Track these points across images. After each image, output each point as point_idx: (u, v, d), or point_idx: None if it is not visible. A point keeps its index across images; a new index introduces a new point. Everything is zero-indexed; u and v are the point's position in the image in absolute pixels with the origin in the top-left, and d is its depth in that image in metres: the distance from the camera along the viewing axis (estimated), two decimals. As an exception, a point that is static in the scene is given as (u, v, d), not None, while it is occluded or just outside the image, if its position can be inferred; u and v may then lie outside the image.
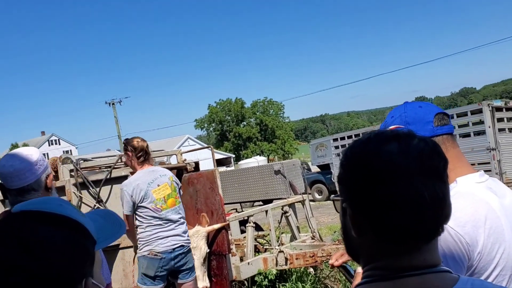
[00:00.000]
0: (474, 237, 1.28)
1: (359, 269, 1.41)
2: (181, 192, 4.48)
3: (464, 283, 0.88)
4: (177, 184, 4.38)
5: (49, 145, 78.74)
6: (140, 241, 4.15)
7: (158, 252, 4.05)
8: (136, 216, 4.18)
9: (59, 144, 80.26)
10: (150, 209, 4.09)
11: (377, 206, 0.85)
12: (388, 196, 0.84)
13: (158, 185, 4.16)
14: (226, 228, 5.20)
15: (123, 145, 4.33)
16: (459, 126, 14.12)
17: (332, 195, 6.70)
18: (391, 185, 0.84)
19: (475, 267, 1.29)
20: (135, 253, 4.41)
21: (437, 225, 0.87)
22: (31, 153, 2.05)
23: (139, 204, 4.09)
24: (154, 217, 4.09)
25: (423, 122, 1.48)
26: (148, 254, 4.07)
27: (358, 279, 1.49)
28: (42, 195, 2.02)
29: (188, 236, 4.35)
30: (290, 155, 65.04)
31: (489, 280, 1.29)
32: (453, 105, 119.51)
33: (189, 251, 4.33)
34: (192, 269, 4.34)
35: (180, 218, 4.24)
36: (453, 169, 1.44)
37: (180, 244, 4.16)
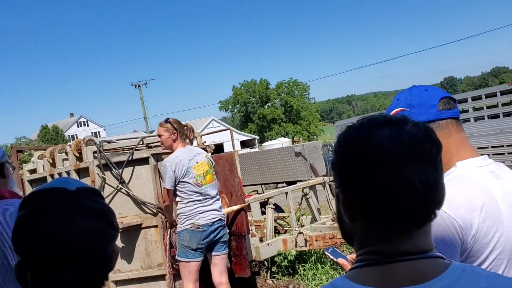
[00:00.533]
0: (468, 220, 1.27)
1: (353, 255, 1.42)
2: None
3: (455, 269, 0.87)
4: (212, 162, 4.62)
5: (78, 127, 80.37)
6: (181, 215, 4.38)
7: (200, 225, 4.29)
8: (178, 192, 4.39)
9: (88, 125, 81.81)
10: (191, 184, 4.33)
11: (367, 192, 0.86)
12: (378, 182, 0.84)
13: (197, 162, 4.41)
14: (245, 209, 5.26)
15: (166, 124, 4.51)
16: (488, 107, 13.76)
17: (329, 180, 6.64)
18: (381, 171, 0.84)
19: (469, 250, 1.28)
20: (171, 228, 4.65)
21: (428, 211, 0.87)
22: None
23: (181, 180, 4.32)
24: (195, 192, 4.34)
25: (428, 105, 1.47)
26: (191, 227, 4.30)
27: (344, 263, 1.50)
28: None
29: (221, 208, 4.56)
30: (315, 136, 64.63)
31: (486, 263, 1.29)
32: (483, 85, 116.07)
33: (225, 224, 4.57)
34: (226, 242, 4.57)
35: (216, 194, 4.50)
36: (456, 153, 1.43)
37: (218, 218, 4.41)
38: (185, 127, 4.61)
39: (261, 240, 6.11)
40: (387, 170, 0.84)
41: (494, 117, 13.32)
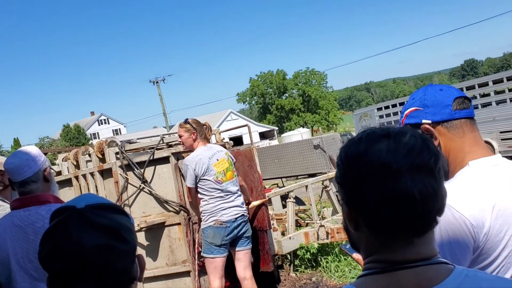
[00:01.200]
0: (480, 219, 1.29)
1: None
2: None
3: (458, 274, 0.91)
4: (232, 159, 4.68)
5: (99, 125, 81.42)
6: (204, 213, 4.46)
7: (223, 222, 4.37)
8: (199, 190, 4.47)
9: (108, 123, 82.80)
10: (212, 181, 4.41)
11: (368, 203, 0.90)
12: (378, 193, 0.88)
13: (217, 160, 4.48)
14: (266, 204, 5.31)
15: (185, 125, 4.60)
16: (510, 90, 13.48)
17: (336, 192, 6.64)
18: (381, 183, 0.88)
19: (482, 248, 1.30)
20: (199, 224, 4.73)
21: (428, 220, 0.90)
22: (28, 151, 2.42)
23: (202, 177, 4.41)
24: (216, 189, 4.41)
25: (442, 105, 1.48)
26: (214, 224, 4.38)
27: (360, 258, 1.55)
28: (42, 186, 2.37)
29: (243, 205, 4.62)
30: (334, 125, 64.23)
31: (498, 261, 1.31)
32: (505, 67, 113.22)
33: (248, 220, 4.63)
34: (250, 237, 4.64)
35: (237, 190, 4.56)
36: (469, 152, 1.45)
37: (241, 214, 4.49)
38: (204, 126, 4.67)
39: (283, 234, 6.16)
40: (386, 182, 0.88)
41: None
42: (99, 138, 58.68)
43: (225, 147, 5.81)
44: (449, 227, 1.27)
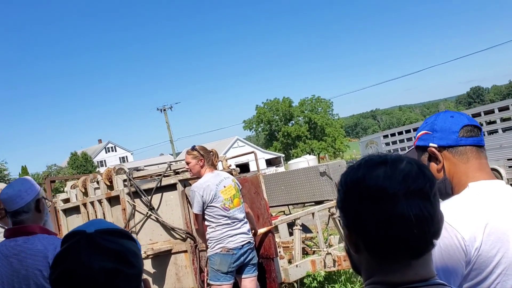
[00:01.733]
0: (471, 233, 1.34)
1: None
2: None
3: None
4: (239, 186, 4.71)
5: (106, 152, 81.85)
6: (211, 240, 4.45)
7: (230, 249, 4.36)
8: (206, 217, 4.48)
9: (116, 151, 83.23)
10: (220, 208, 4.41)
11: (367, 226, 0.94)
12: (376, 217, 0.93)
13: (225, 186, 4.50)
14: (272, 231, 5.31)
15: (193, 152, 4.65)
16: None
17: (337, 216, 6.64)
18: (378, 207, 0.93)
19: (474, 262, 1.34)
20: (206, 249, 4.70)
21: (425, 242, 0.94)
22: (23, 182, 2.51)
23: (209, 204, 4.42)
24: (224, 216, 4.41)
25: (449, 131, 1.55)
26: (221, 251, 4.37)
27: None
28: (33, 216, 2.42)
29: (250, 232, 4.61)
30: (341, 152, 64.21)
31: (492, 277, 1.35)
32: (511, 94, 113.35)
33: (254, 247, 4.62)
34: (256, 265, 4.62)
35: (244, 217, 4.56)
36: (472, 177, 1.50)
37: (247, 241, 4.48)
38: (211, 153, 4.72)
39: (289, 261, 6.12)
40: (383, 207, 0.92)
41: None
42: (106, 166, 58.94)
43: (231, 174, 5.86)
44: (441, 241, 1.29)
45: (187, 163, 4.67)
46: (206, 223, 4.51)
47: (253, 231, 4.77)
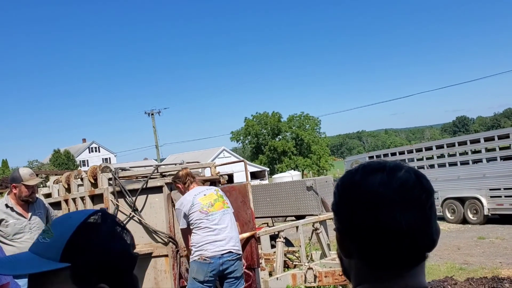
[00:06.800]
0: None
1: None
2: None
3: None
4: (223, 193, 4.69)
5: (89, 152, 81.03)
6: (192, 246, 4.40)
7: (207, 257, 4.28)
8: (190, 226, 4.43)
9: (99, 151, 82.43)
10: (198, 212, 4.37)
11: (359, 232, 0.92)
12: (368, 223, 0.90)
13: (205, 195, 4.50)
14: (256, 241, 5.25)
15: (175, 181, 4.74)
16: (501, 149, 13.70)
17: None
18: (371, 213, 0.90)
19: None
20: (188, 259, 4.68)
21: (417, 254, 0.91)
22: None
23: (189, 213, 4.40)
24: (202, 220, 4.35)
25: None
26: (198, 258, 4.31)
27: None
28: None
29: (238, 243, 4.50)
30: (325, 170, 64.39)
31: None
32: (496, 126, 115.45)
33: (238, 259, 4.48)
34: (239, 278, 4.49)
35: (228, 222, 4.44)
36: None
37: (228, 250, 4.34)
38: (185, 175, 4.69)
39: (270, 274, 6.07)
40: (376, 213, 0.90)
41: (506, 159, 13.25)
42: (88, 166, 58.19)
43: (219, 182, 5.82)
44: None
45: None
46: (191, 232, 4.45)
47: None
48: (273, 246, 6.66)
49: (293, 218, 9.01)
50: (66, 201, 5.76)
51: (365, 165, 0.98)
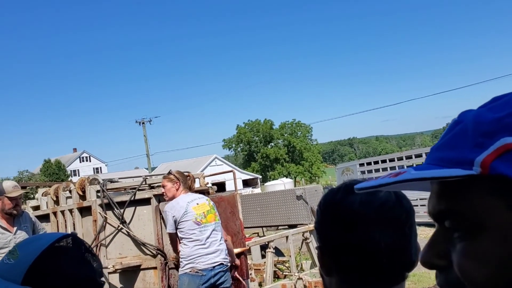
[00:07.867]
0: None
1: None
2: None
3: None
4: (214, 204, 4.64)
5: (80, 162, 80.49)
6: (182, 258, 4.36)
7: (199, 270, 4.25)
8: (179, 234, 4.39)
9: (90, 161, 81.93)
10: (191, 222, 4.32)
11: (338, 250, 0.93)
12: (347, 242, 0.91)
13: (198, 204, 4.44)
14: (245, 253, 5.25)
15: (169, 176, 4.61)
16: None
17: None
18: (351, 232, 0.91)
19: None
20: (176, 269, 4.65)
21: (395, 273, 0.92)
22: None
23: (180, 220, 4.33)
24: (194, 231, 4.31)
25: None
26: (190, 271, 4.26)
27: None
28: None
29: (227, 254, 4.50)
30: (317, 177, 64.55)
31: None
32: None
33: (228, 270, 4.50)
34: None
35: (218, 235, 4.44)
36: None
37: (219, 262, 4.35)
38: (188, 177, 4.69)
39: (260, 284, 6.06)
40: (356, 232, 0.91)
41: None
42: (79, 175, 57.82)
43: (208, 192, 5.81)
44: None
45: (163, 187, 4.61)
46: (180, 241, 4.43)
47: (231, 263, 4.67)
48: (263, 256, 6.65)
49: (286, 226, 9.02)
50: (55, 213, 5.72)
51: (347, 184, 0.99)
